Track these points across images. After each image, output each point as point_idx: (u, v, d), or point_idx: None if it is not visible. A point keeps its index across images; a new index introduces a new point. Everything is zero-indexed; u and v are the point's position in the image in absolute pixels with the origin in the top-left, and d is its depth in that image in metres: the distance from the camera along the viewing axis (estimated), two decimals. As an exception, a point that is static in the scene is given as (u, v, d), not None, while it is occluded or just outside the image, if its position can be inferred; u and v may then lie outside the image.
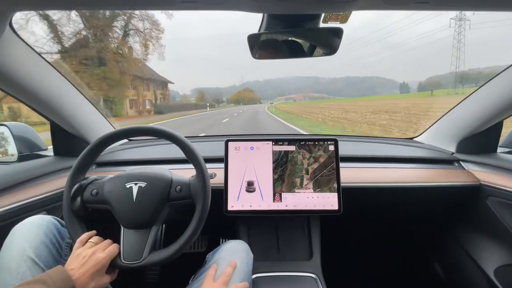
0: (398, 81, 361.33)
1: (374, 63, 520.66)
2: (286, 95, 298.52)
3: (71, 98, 0.94)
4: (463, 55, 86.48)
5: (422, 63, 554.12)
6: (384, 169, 1.01)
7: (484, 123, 0.95)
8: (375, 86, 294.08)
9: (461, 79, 79.65)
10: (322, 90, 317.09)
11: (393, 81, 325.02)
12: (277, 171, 0.87)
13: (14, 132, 0.98)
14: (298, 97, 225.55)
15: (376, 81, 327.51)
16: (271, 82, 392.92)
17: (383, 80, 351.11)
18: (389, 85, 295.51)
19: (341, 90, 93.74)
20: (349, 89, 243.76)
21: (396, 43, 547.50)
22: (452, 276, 1.10)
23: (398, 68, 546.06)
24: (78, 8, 0.58)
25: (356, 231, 1.40)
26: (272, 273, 0.84)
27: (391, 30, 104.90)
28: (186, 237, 0.64)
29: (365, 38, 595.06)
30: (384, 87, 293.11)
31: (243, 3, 0.52)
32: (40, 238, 0.61)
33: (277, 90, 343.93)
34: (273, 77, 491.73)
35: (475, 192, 0.94)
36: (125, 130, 0.71)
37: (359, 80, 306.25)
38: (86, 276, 0.54)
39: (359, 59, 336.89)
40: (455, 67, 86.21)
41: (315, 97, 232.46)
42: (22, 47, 0.73)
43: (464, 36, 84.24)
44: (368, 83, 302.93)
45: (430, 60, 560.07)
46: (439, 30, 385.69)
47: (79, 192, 0.66)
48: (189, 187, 0.68)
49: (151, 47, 17.91)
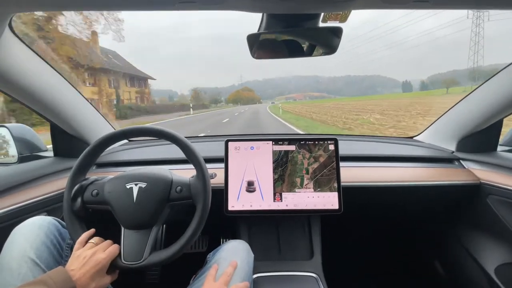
0: (398, 79, 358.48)
1: (374, 61, 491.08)
2: (286, 94, 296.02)
3: (70, 99, 0.94)
4: (481, 49, 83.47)
5: (423, 61, 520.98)
6: (385, 168, 1.01)
7: (484, 122, 0.95)
8: (376, 85, 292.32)
9: (479, 76, 73.68)
10: (322, 89, 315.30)
11: (393, 80, 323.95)
12: (277, 171, 0.87)
13: (14, 134, 0.98)
14: (298, 97, 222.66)
15: (376, 80, 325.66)
16: (270, 81, 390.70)
17: (383, 79, 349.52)
18: (390, 84, 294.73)
19: (341, 89, 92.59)
20: (350, 88, 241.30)
21: (396, 41, 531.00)
22: (452, 275, 1.10)
23: (398, 67, 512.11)
24: (77, 9, 0.58)
25: (356, 230, 1.41)
26: (273, 272, 0.84)
27: (391, 28, 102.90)
28: (186, 238, 0.64)
29: (365, 36, 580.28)
30: (385, 86, 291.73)
31: (242, 3, 0.52)
32: (41, 239, 0.61)
33: (277, 89, 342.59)
34: (273, 77, 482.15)
35: (475, 190, 0.94)
36: (125, 131, 0.71)
37: (360, 79, 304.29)
38: (87, 276, 0.54)
39: (359, 57, 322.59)
40: (473, 63, 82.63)
41: (316, 96, 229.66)
42: (21, 48, 0.73)
43: (483, 29, 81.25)
44: (369, 82, 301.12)
45: (431, 58, 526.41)
46: (437, 29, 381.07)
47: (80, 192, 0.66)
48: (189, 188, 0.68)
49: (102, 23, 11.87)
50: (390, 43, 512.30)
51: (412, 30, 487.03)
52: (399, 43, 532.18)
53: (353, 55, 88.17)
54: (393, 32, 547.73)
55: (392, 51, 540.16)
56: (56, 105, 0.89)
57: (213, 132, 9.63)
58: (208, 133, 8.88)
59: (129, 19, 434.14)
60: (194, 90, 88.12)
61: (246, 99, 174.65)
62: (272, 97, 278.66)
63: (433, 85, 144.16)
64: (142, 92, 29.07)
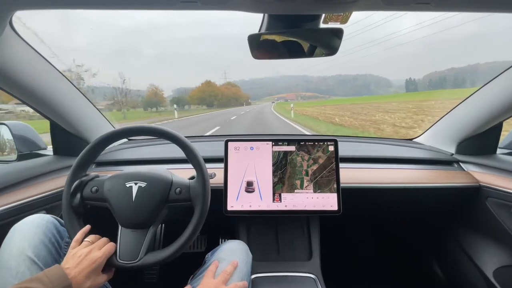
0: (390, 79, 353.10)
1: (364, 59, 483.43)
2: (275, 94, 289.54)
3: (71, 97, 0.94)
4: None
5: (417, 60, 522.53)
6: (384, 170, 1.01)
7: (483, 125, 0.95)
8: (369, 84, 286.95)
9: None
10: (313, 89, 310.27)
11: (385, 79, 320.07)
12: (276, 174, 0.87)
13: (14, 131, 0.98)
14: (290, 96, 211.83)
15: (369, 79, 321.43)
16: (258, 81, 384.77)
17: (375, 78, 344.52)
18: (383, 83, 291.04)
19: (333, 88, 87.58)
20: (342, 87, 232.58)
21: (385, 38, 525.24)
22: (451, 277, 1.10)
23: (390, 66, 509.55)
24: (79, 8, 0.58)
25: (355, 231, 1.41)
26: (272, 273, 0.84)
27: (378, 25, 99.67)
28: (183, 240, 0.64)
29: (353, 34, 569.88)
30: (378, 85, 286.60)
31: (243, 3, 0.52)
32: (39, 237, 0.61)
33: (265, 89, 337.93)
34: (260, 76, 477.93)
35: (475, 193, 0.94)
36: (125, 130, 0.71)
37: (351, 78, 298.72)
38: (82, 275, 0.54)
39: (348, 55, 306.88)
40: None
41: (309, 96, 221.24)
42: (22, 46, 0.73)
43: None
44: (361, 81, 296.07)
45: (427, 56, 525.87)
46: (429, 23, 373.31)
47: (79, 188, 0.66)
48: (188, 190, 0.67)
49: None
50: (377, 38, 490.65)
51: (402, 25, 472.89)
52: (387, 40, 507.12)
53: (342, 51, 75.52)
54: (378, 27, 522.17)
55: (380, 48, 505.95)
56: (56, 103, 0.89)
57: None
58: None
59: (109, 21, 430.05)
60: (153, 86, 71.23)
61: (227, 99, 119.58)
62: (260, 97, 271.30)
63: (433, 85, 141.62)
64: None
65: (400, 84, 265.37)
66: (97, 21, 60.80)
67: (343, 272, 1.14)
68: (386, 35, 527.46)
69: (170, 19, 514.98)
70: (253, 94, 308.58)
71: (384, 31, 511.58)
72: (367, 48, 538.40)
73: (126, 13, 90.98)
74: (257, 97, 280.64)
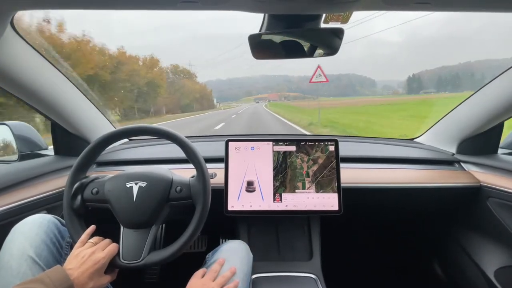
0: (374, 78, 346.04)
1: (346, 57, 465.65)
2: (254, 95, 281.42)
3: (72, 97, 0.94)
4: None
5: (409, 57, 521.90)
6: (385, 170, 1.01)
7: (484, 124, 0.94)
8: (354, 84, 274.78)
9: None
10: (295, 89, 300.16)
11: (369, 79, 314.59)
12: (278, 178, 0.87)
13: (15, 131, 0.98)
14: (272, 97, 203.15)
15: (353, 79, 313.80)
16: (235, 80, 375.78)
17: (359, 77, 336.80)
18: (367, 83, 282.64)
19: (316, 88, 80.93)
20: (325, 87, 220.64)
21: (368, 36, 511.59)
22: (452, 277, 1.10)
23: (374, 65, 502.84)
24: (79, 8, 0.58)
25: (356, 231, 1.40)
26: (272, 273, 0.84)
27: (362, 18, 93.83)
28: (185, 238, 0.64)
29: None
30: (363, 85, 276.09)
31: (244, 3, 0.52)
32: (40, 237, 0.61)
33: (243, 89, 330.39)
34: (238, 76, 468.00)
35: (476, 193, 0.94)
36: (125, 130, 0.71)
37: (334, 77, 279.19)
38: (85, 275, 0.54)
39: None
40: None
41: (293, 96, 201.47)
42: (23, 46, 0.73)
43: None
44: (345, 80, 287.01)
45: (418, 53, 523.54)
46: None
47: (80, 190, 0.66)
48: (189, 188, 0.68)
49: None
50: (360, 36, 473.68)
51: (387, 21, 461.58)
52: (369, 36, 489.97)
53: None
54: (361, 23, 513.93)
55: (363, 46, 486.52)
56: (57, 104, 0.89)
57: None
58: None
59: (103, 19, 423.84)
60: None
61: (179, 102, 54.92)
62: (239, 97, 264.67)
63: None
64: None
65: (385, 84, 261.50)
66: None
67: (344, 272, 1.14)
68: (369, 34, 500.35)
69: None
70: (231, 95, 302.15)
71: (367, 29, 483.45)
72: (349, 45, 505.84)
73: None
74: (235, 97, 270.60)
